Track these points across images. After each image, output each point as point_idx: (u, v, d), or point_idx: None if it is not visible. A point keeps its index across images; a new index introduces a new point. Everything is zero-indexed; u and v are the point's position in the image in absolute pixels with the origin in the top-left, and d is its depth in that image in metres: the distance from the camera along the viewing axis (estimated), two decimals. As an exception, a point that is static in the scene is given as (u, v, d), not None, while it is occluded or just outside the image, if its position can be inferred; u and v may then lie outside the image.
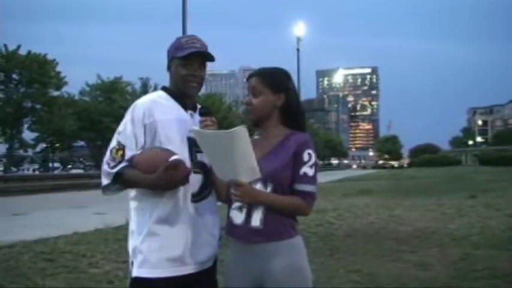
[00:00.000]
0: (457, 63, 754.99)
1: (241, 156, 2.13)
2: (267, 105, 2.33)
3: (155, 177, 2.22)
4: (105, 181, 2.39)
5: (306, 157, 2.27)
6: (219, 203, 2.52)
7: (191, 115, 2.49)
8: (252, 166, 2.15)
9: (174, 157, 2.24)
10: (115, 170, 2.34)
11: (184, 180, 2.29)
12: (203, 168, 2.43)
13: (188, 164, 2.36)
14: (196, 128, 2.36)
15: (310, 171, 2.26)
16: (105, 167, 2.38)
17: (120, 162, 2.34)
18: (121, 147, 2.37)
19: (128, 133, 2.39)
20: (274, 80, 2.35)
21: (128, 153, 2.35)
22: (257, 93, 2.32)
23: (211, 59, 2.51)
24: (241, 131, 2.09)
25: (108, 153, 2.41)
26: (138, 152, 2.35)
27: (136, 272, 2.35)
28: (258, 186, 2.24)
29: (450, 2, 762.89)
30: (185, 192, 2.37)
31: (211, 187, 2.46)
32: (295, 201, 2.25)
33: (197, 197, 2.41)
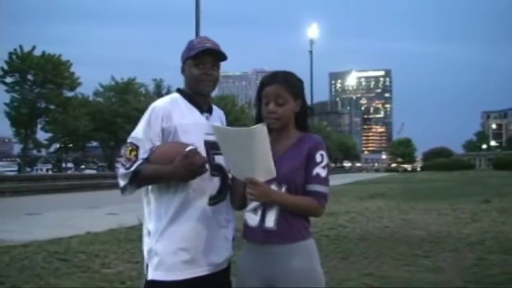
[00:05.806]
0: (471, 66, 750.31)
1: (260, 155, 2.14)
2: (290, 112, 2.35)
3: (175, 165, 2.22)
4: (122, 183, 2.39)
5: (318, 158, 2.28)
6: None
7: (207, 118, 2.50)
8: (268, 165, 2.17)
9: (190, 147, 2.25)
10: (132, 169, 2.34)
11: (203, 168, 2.27)
12: (220, 171, 2.44)
13: (206, 167, 2.35)
14: (216, 124, 2.36)
15: (322, 172, 2.28)
16: (121, 169, 2.39)
17: (134, 162, 2.34)
18: (134, 148, 2.38)
19: (143, 135, 2.39)
20: (296, 87, 2.37)
21: (142, 154, 2.36)
22: (282, 101, 2.31)
23: (223, 58, 2.51)
24: (262, 129, 2.11)
25: (122, 156, 2.42)
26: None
27: (151, 274, 2.35)
28: (273, 187, 2.25)
29: (464, 4, 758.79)
30: (201, 195, 2.38)
31: (228, 190, 2.46)
32: (308, 201, 2.26)
33: (214, 200, 2.42)
